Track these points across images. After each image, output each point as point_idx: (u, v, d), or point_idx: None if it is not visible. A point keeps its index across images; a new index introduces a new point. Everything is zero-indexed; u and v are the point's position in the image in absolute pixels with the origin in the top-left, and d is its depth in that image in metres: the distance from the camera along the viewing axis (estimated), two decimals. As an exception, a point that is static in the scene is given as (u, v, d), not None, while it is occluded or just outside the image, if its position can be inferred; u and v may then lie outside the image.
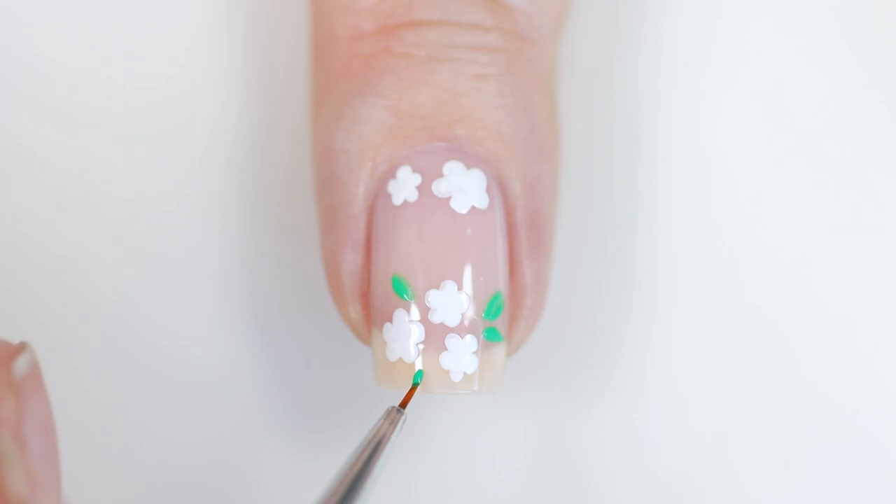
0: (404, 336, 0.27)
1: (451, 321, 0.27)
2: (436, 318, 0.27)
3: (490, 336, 0.27)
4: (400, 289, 0.27)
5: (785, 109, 0.32)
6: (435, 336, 0.27)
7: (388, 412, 0.27)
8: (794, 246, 0.31)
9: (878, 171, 0.32)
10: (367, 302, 0.28)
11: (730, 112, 0.32)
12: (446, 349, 0.27)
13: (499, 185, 0.28)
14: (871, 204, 0.31)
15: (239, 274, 0.31)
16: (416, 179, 0.28)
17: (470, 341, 0.27)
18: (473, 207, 0.27)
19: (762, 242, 0.31)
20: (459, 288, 0.27)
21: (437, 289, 0.27)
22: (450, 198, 0.27)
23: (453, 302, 0.27)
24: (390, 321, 0.27)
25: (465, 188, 0.27)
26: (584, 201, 0.31)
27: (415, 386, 0.27)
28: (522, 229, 0.28)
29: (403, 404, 0.27)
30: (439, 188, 0.27)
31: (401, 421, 0.26)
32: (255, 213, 0.31)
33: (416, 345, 0.27)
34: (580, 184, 0.31)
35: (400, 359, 0.27)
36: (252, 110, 0.32)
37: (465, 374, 0.27)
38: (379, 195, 0.28)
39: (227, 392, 0.31)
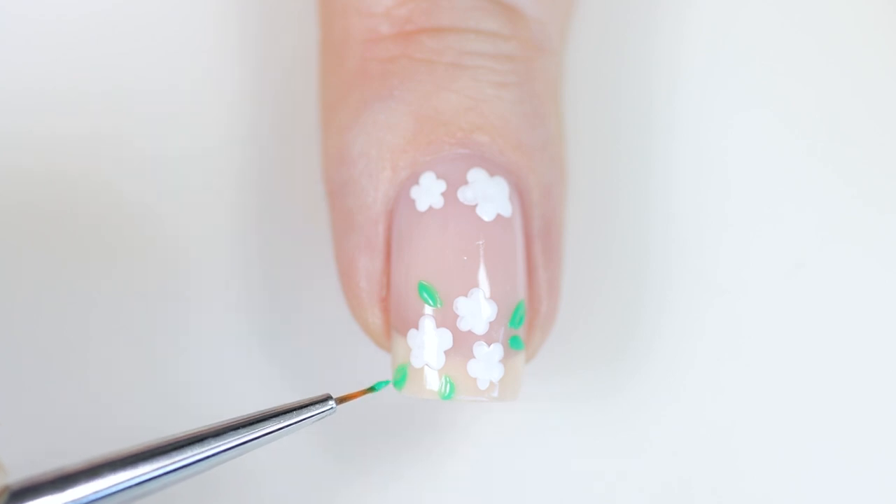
0: (431, 342, 0.27)
1: (479, 329, 0.27)
2: (464, 325, 0.27)
3: (514, 344, 0.27)
4: (427, 295, 0.27)
5: (798, 113, 0.32)
6: (463, 343, 0.27)
7: (324, 398, 0.26)
8: (809, 250, 0.32)
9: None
10: (387, 307, 0.28)
11: (740, 115, 0.32)
12: (474, 357, 0.27)
13: (518, 194, 0.28)
14: (891, 207, 0.32)
15: (238, 276, 0.31)
16: (441, 186, 0.27)
17: (496, 349, 0.27)
18: (499, 215, 0.27)
19: (773, 246, 0.32)
20: (487, 296, 0.27)
21: (466, 296, 0.27)
22: (476, 205, 0.27)
23: (481, 309, 0.27)
24: (416, 327, 0.27)
25: (490, 196, 0.27)
26: (591, 206, 0.32)
27: (370, 390, 0.27)
28: (538, 237, 0.28)
29: (342, 400, 0.27)
30: (465, 195, 0.27)
31: (326, 412, 0.26)
32: (256, 215, 0.31)
33: (443, 352, 0.27)
34: (587, 188, 0.31)
35: (426, 365, 0.27)
36: (254, 112, 0.31)
37: (490, 381, 0.27)
38: (399, 200, 0.28)
39: (230, 396, 0.30)
